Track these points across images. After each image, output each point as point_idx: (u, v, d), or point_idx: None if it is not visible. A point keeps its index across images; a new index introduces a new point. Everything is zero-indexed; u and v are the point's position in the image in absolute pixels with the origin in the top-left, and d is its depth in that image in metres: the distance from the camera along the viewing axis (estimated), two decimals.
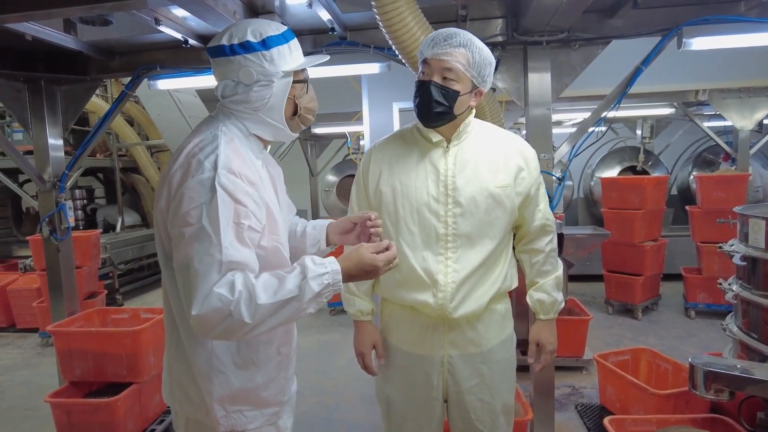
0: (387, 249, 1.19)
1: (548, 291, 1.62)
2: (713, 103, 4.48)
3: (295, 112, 1.27)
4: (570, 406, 3.10)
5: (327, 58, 1.33)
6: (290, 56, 1.20)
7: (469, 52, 1.37)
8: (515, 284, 1.59)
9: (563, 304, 1.66)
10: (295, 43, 1.22)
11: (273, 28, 1.19)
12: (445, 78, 1.39)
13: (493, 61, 1.44)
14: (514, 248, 1.63)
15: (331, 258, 1.14)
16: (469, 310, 1.47)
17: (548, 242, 1.60)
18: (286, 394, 1.34)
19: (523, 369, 2.56)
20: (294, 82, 1.22)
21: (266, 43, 1.16)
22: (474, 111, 1.51)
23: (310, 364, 3.85)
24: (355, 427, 2.97)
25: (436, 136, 1.48)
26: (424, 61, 1.41)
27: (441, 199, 1.45)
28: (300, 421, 3.02)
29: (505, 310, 1.60)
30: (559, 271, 1.64)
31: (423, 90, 1.41)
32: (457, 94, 1.40)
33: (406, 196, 1.47)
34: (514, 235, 1.64)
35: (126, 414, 2.64)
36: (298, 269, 1.10)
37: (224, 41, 1.17)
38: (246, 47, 1.15)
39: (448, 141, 1.48)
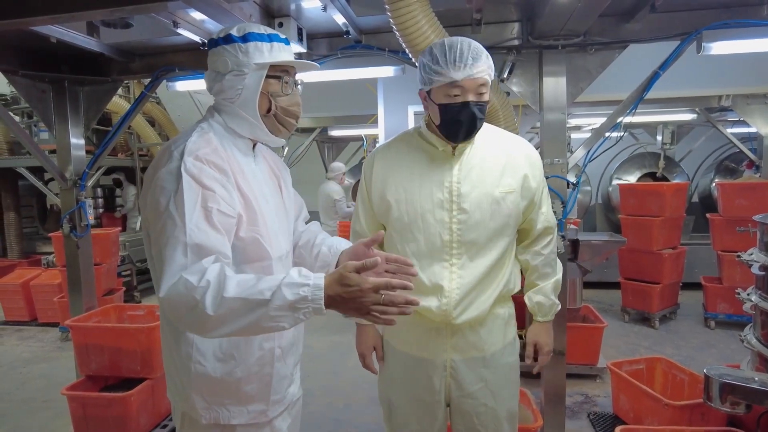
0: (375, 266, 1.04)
1: (547, 294, 1.63)
2: (737, 108, 4.38)
3: (269, 110, 1.27)
4: (582, 414, 3.06)
5: (317, 66, 1.35)
6: (268, 53, 1.22)
7: (487, 59, 1.38)
8: (518, 287, 1.59)
9: (559, 307, 1.68)
10: (280, 45, 1.25)
11: (260, 29, 1.24)
12: (480, 93, 1.38)
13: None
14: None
15: (321, 274, 1.05)
16: (472, 315, 1.46)
17: (548, 244, 1.60)
18: (276, 393, 1.32)
19: (534, 376, 2.54)
20: (269, 77, 1.24)
21: (246, 37, 1.21)
22: None
23: (321, 365, 3.87)
24: (364, 428, 2.97)
25: (443, 144, 1.46)
26: (454, 84, 1.35)
27: (446, 205, 1.44)
28: (310, 421, 3.04)
29: (508, 315, 1.59)
30: (559, 274, 1.66)
31: (466, 112, 1.36)
32: (487, 102, 1.41)
33: (411, 203, 1.46)
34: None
35: (139, 409, 2.69)
36: (280, 275, 1.05)
37: (214, 36, 1.25)
38: (227, 39, 1.22)
39: (454, 147, 1.47)
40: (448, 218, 1.44)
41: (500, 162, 1.47)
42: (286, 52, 1.26)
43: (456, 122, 1.39)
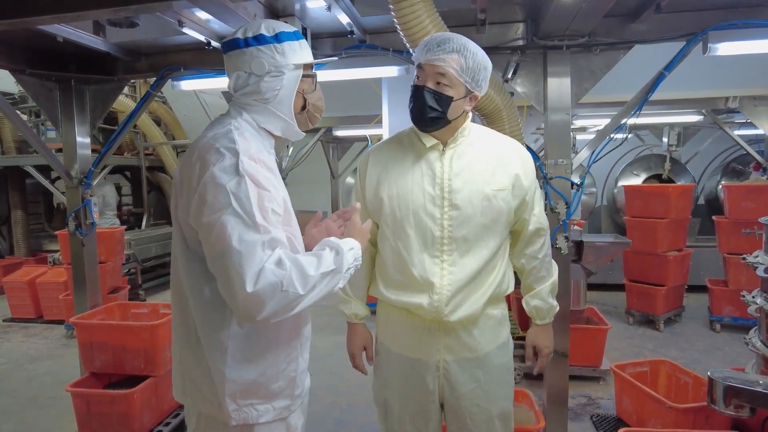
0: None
1: (544, 298, 1.63)
2: (744, 110, 4.34)
3: (303, 107, 1.31)
4: (585, 416, 3.04)
5: (335, 58, 1.37)
6: (300, 51, 1.26)
7: (462, 58, 1.37)
8: (512, 288, 1.59)
9: (558, 309, 1.67)
10: (304, 42, 1.28)
11: (285, 26, 1.26)
12: (438, 83, 1.39)
13: (489, 66, 1.44)
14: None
15: (347, 238, 1.26)
16: (464, 314, 1.46)
17: (542, 247, 1.60)
18: (298, 388, 1.34)
19: (537, 377, 2.53)
20: (303, 76, 1.27)
21: (279, 37, 1.22)
22: (470, 115, 1.52)
23: (324, 365, 3.87)
24: (367, 428, 2.97)
25: (430, 141, 1.48)
26: (419, 66, 1.41)
27: (437, 201, 1.45)
28: (313, 421, 3.03)
29: (502, 316, 1.59)
30: (555, 276, 1.66)
31: (417, 95, 1.41)
32: (450, 99, 1.39)
33: (403, 198, 1.47)
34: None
35: (142, 406, 2.70)
36: (326, 248, 1.19)
37: (239, 35, 1.23)
38: (259, 39, 1.21)
39: (444, 144, 1.48)
40: (439, 214, 1.45)
41: (492, 161, 1.48)
42: (308, 48, 1.30)
43: (411, 104, 1.42)
